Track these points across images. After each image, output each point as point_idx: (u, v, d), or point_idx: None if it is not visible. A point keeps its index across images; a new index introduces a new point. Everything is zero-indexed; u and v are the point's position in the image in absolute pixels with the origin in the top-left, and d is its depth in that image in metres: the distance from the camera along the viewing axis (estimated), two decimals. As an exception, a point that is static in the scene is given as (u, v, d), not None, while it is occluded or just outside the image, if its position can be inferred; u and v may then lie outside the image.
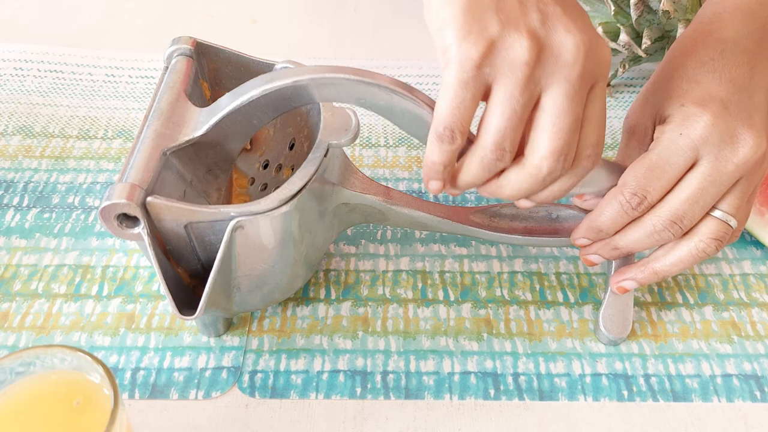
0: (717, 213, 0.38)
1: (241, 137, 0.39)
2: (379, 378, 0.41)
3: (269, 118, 0.38)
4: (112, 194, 0.34)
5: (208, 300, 0.36)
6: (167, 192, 0.37)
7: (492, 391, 0.41)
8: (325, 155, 0.38)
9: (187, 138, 0.38)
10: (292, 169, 0.45)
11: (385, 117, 0.37)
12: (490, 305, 0.45)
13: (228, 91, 0.47)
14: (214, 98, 0.46)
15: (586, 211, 0.46)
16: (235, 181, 0.47)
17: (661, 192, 0.38)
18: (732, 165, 0.37)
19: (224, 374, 0.41)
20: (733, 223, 0.39)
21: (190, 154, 0.39)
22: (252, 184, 0.47)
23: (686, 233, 0.39)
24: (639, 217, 0.39)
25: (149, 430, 0.39)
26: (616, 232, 0.40)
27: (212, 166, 0.41)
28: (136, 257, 0.48)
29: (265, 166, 0.47)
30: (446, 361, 0.42)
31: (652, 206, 0.39)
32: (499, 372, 0.42)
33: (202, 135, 0.38)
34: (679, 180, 0.38)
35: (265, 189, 0.47)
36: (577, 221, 0.46)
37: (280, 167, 0.46)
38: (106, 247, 0.48)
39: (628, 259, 0.44)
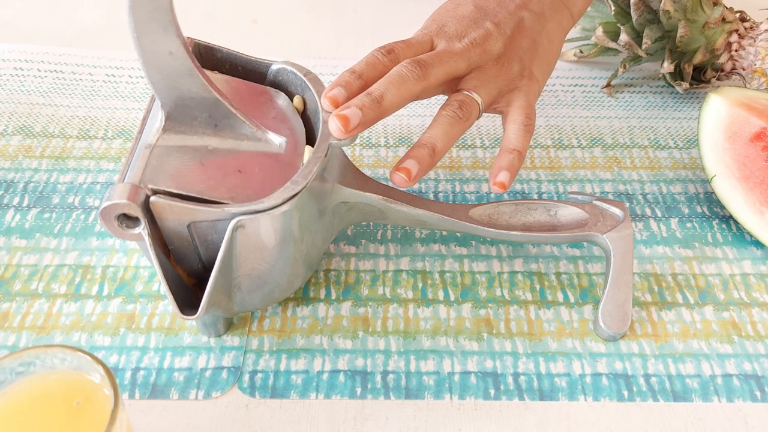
0: (460, 93, 0.43)
1: (193, 78, 0.37)
2: (379, 378, 0.41)
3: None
4: (112, 195, 0.34)
5: (210, 300, 0.36)
6: (183, 174, 0.36)
7: (492, 391, 0.41)
8: (326, 154, 0.38)
9: (160, 124, 0.37)
10: None
11: None
12: (490, 305, 0.45)
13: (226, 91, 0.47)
14: None
15: (584, 207, 0.46)
16: None
17: (406, 51, 0.43)
18: (457, 45, 0.44)
19: (224, 374, 0.41)
20: (475, 96, 0.43)
21: (183, 125, 0.38)
22: None
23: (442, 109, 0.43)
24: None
25: (149, 430, 0.39)
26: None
27: (215, 120, 0.39)
28: (136, 257, 0.48)
29: None
30: (446, 361, 0.42)
31: (398, 62, 0.42)
32: (499, 372, 0.42)
33: (166, 114, 0.37)
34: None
35: None
36: (576, 218, 0.46)
37: None
38: (106, 247, 0.48)
39: None
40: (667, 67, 0.59)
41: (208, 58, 0.45)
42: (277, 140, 0.40)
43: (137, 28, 0.34)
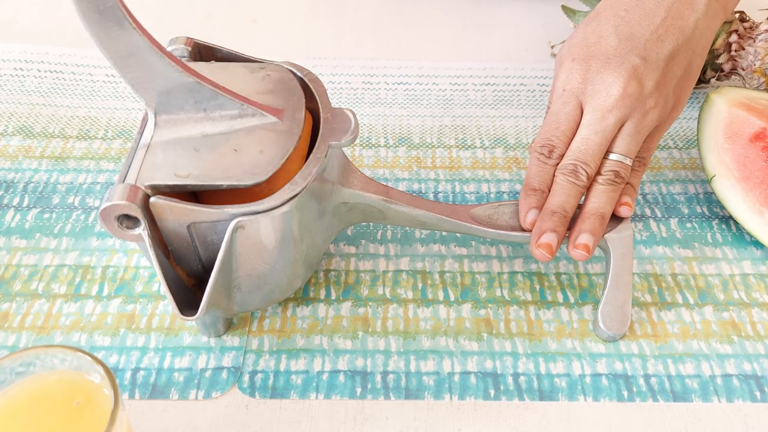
0: (612, 156, 0.44)
1: (165, 66, 0.36)
2: (379, 378, 0.41)
3: None
4: (112, 195, 0.34)
5: (209, 300, 0.36)
6: (177, 165, 0.36)
7: (492, 391, 0.41)
8: (326, 155, 0.39)
9: (151, 122, 0.38)
10: None
11: None
12: (490, 305, 0.46)
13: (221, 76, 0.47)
14: None
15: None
16: None
17: (564, 140, 0.44)
18: (605, 112, 0.43)
19: (224, 374, 0.41)
20: (628, 161, 0.44)
21: (173, 116, 0.38)
22: None
23: (597, 176, 0.44)
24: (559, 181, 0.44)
25: (149, 430, 0.39)
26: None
27: (202, 104, 0.38)
28: (136, 257, 0.48)
29: None
30: (446, 361, 0.42)
31: (562, 155, 0.44)
32: (499, 372, 0.42)
33: (154, 111, 0.37)
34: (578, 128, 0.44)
35: None
36: (575, 218, 0.46)
37: None
38: (106, 248, 0.48)
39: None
40: (667, 67, 0.59)
41: (208, 58, 0.45)
42: (272, 112, 0.39)
43: (91, 27, 0.33)
